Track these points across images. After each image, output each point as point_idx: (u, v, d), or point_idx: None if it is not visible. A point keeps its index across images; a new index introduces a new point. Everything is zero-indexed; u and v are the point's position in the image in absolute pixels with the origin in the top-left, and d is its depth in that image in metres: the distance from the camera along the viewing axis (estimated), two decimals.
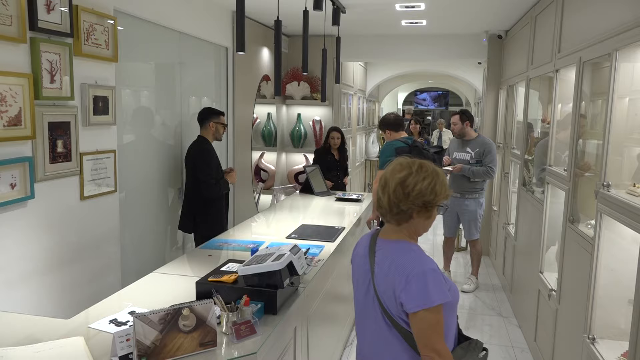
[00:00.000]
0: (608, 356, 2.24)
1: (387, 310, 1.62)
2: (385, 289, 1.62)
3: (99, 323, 1.94)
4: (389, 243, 1.70)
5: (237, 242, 3.12)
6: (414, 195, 1.62)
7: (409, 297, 1.54)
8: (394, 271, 1.60)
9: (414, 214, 1.65)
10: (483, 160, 4.75)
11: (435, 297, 1.53)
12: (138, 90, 3.61)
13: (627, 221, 2.06)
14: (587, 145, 2.87)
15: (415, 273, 1.55)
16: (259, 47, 5.44)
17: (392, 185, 1.66)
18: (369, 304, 1.69)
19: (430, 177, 1.64)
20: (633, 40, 2.13)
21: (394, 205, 1.65)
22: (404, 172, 1.66)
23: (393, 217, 1.67)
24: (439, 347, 1.54)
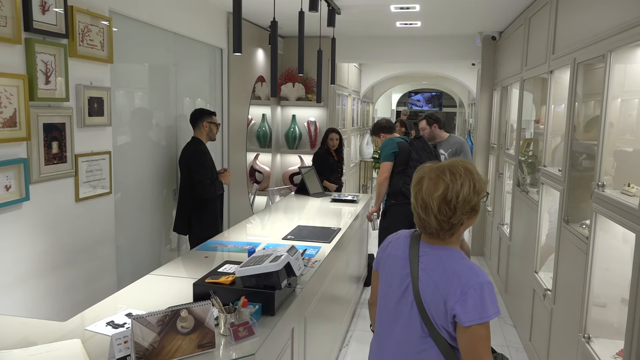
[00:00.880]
0: (603, 355, 2.26)
1: (429, 319, 1.53)
2: (433, 298, 1.52)
3: (95, 325, 1.93)
4: (436, 249, 1.59)
5: (233, 244, 3.11)
6: (460, 206, 1.52)
7: (465, 310, 1.45)
8: (447, 281, 1.50)
9: (465, 220, 1.56)
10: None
11: (490, 312, 1.46)
12: (133, 92, 3.60)
13: (621, 220, 2.08)
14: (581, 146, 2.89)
15: (472, 285, 1.47)
16: (254, 49, 5.44)
17: (434, 205, 1.53)
18: (404, 309, 1.60)
19: (467, 179, 1.53)
20: (627, 42, 2.15)
21: (444, 223, 1.54)
22: (441, 187, 1.53)
23: (447, 233, 1.57)
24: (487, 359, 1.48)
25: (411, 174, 4.05)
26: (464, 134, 11.57)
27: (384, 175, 4.10)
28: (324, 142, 5.55)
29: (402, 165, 4.06)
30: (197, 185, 3.64)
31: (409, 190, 4.01)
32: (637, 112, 2.39)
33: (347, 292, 3.99)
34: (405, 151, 4.07)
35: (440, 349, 1.53)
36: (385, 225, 4.16)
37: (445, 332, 1.52)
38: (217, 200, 3.89)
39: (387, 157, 4.09)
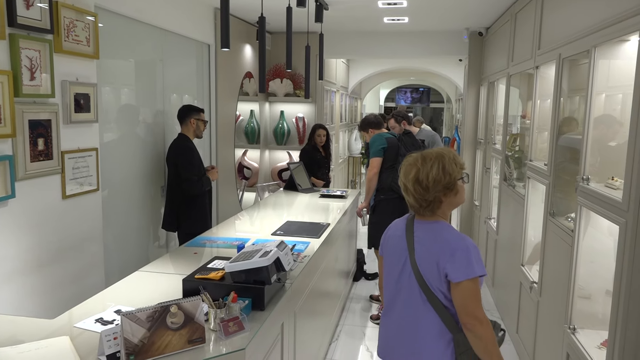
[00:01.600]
0: (588, 345, 2.30)
1: (425, 284, 1.76)
2: (428, 263, 1.76)
3: (84, 322, 1.92)
4: (427, 223, 1.84)
5: (222, 240, 3.11)
6: (431, 185, 1.77)
7: (454, 268, 1.70)
8: (438, 246, 1.75)
9: (442, 198, 1.80)
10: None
11: (477, 269, 1.69)
12: (119, 88, 3.57)
13: (605, 213, 2.12)
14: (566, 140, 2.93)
15: (459, 247, 1.72)
16: (242, 44, 5.41)
17: (410, 186, 1.81)
18: (404, 280, 1.83)
19: (435, 162, 1.79)
20: (611, 37, 2.18)
21: (421, 200, 1.80)
22: (413, 170, 1.81)
23: (427, 210, 1.82)
24: (479, 314, 1.70)
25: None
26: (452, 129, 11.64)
27: (373, 170, 4.11)
28: (311, 138, 5.53)
29: (391, 161, 4.08)
30: (185, 182, 3.63)
31: (398, 186, 4.05)
32: (621, 107, 2.42)
33: (337, 287, 4.00)
34: (394, 146, 4.09)
35: (437, 311, 1.75)
36: (375, 220, 4.18)
37: (440, 294, 1.75)
38: (205, 197, 3.88)
39: (376, 153, 4.11)
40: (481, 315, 1.70)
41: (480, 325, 1.69)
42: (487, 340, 1.70)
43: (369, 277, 5.17)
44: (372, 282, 5.08)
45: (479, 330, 1.70)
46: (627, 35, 2.06)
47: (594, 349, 2.27)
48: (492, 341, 1.71)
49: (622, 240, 1.96)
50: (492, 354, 1.71)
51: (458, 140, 8.35)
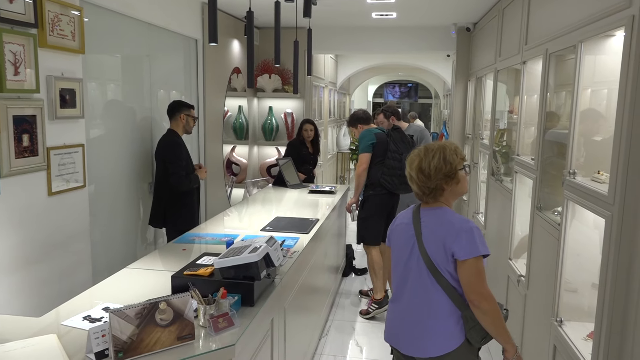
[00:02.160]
0: (574, 337, 2.33)
1: (434, 265, 1.88)
2: (435, 245, 1.88)
3: (72, 320, 1.90)
4: (432, 210, 1.97)
5: (211, 236, 3.09)
6: (433, 173, 1.91)
7: (460, 247, 1.83)
8: (444, 228, 1.88)
9: (444, 186, 1.93)
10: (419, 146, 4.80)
11: (481, 248, 1.83)
12: (106, 83, 3.53)
13: (591, 207, 2.14)
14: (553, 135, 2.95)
15: (464, 228, 1.85)
16: (229, 39, 5.38)
17: (414, 174, 1.96)
18: (412, 265, 1.94)
19: (437, 153, 1.93)
20: (597, 33, 2.20)
21: (424, 188, 1.95)
22: (416, 160, 1.96)
23: (430, 197, 1.96)
24: (484, 291, 1.82)
25: (389, 164, 4.09)
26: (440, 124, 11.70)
27: (362, 166, 4.11)
28: (299, 133, 5.53)
29: (380, 156, 4.08)
30: (172, 177, 3.60)
31: (387, 181, 4.07)
32: (607, 102, 2.45)
33: (326, 283, 4.01)
34: (383, 142, 4.09)
35: (446, 291, 1.87)
36: (364, 215, 4.19)
37: (447, 274, 1.87)
38: (193, 194, 3.86)
39: (366, 149, 4.11)
40: (486, 291, 1.82)
41: (485, 301, 1.81)
42: (493, 315, 1.82)
43: (358, 273, 5.18)
44: (362, 277, 5.09)
45: (485, 305, 1.81)
46: (612, 30, 2.08)
47: (581, 341, 2.30)
48: (498, 315, 1.83)
49: (607, 233, 1.99)
50: (498, 327, 1.84)
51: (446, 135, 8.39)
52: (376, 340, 3.76)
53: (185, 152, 3.76)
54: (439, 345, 1.89)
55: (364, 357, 3.52)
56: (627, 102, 1.87)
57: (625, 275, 1.92)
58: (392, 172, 4.04)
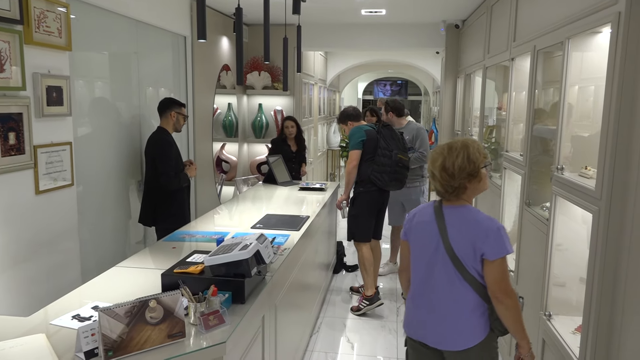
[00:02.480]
0: (563, 331, 2.35)
1: (461, 264, 1.91)
2: (463, 244, 1.91)
3: (60, 319, 1.88)
4: (456, 208, 1.98)
5: (201, 234, 3.08)
6: (456, 172, 1.92)
7: (490, 248, 1.86)
8: (472, 228, 1.91)
9: (467, 184, 1.94)
10: (415, 146, 4.78)
11: (508, 248, 1.88)
12: (93, 81, 3.50)
13: (579, 202, 2.16)
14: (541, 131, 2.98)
15: (492, 228, 1.88)
16: (218, 37, 5.35)
17: (437, 173, 1.96)
18: (437, 262, 1.97)
19: (461, 151, 1.93)
20: (584, 29, 2.22)
21: (447, 186, 1.95)
22: (439, 159, 1.96)
23: (452, 195, 1.97)
24: (509, 288, 1.88)
25: (380, 161, 4.08)
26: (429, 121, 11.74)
27: (352, 163, 4.11)
28: (282, 131, 5.48)
29: (370, 153, 4.08)
30: (162, 176, 3.58)
31: (377, 178, 4.07)
32: (594, 98, 2.47)
33: (317, 280, 4.02)
34: (373, 139, 4.09)
35: (473, 287, 1.92)
36: (354, 212, 4.20)
37: (474, 272, 1.92)
38: (183, 192, 3.84)
39: (356, 146, 4.10)
40: (510, 289, 1.88)
41: (509, 298, 1.87)
42: (515, 311, 1.89)
43: (349, 269, 5.19)
44: (352, 274, 5.11)
45: (509, 302, 1.87)
46: (599, 27, 2.10)
47: (569, 335, 2.33)
48: (519, 312, 1.91)
49: (595, 228, 2.01)
50: (518, 323, 1.91)
51: (435, 132, 8.42)
52: (367, 337, 3.77)
53: (175, 150, 3.74)
54: (468, 338, 1.95)
55: (355, 353, 3.54)
56: (613, 98, 1.89)
57: (613, 269, 1.94)
58: (382, 168, 4.04)
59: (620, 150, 1.88)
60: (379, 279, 4.61)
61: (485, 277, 1.90)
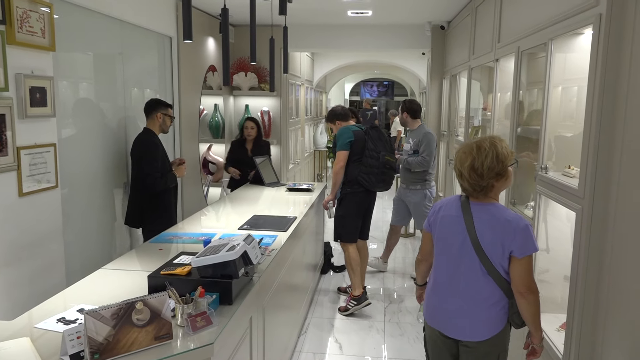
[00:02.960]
0: (548, 328, 2.38)
1: (488, 260, 1.96)
2: (491, 241, 1.95)
3: (45, 323, 1.86)
4: (484, 205, 2.01)
5: (188, 235, 3.07)
6: (485, 172, 1.94)
7: (518, 246, 1.91)
8: (501, 226, 1.94)
9: (494, 183, 1.97)
10: (419, 150, 4.71)
11: (536, 246, 1.93)
12: (77, 82, 3.46)
13: (563, 200, 2.19)
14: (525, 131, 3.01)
15: (521, 227, 1.91)
16: (204, 37, 5.33)
17: (465, 173, 1.98)
18: (463, 256, 2.01)
19: (490, 151, 1.95)
20: (566, 30, 2.26)
21: (475, 186, 1.98)
22: (468, 159, 1.98)
23: (480, 194, 2.00)
24: (533, 284, 1.94)
25: (367, 163, 4.08)
26: None
27: (339, 164, 4.11)
28: (241, 132, 5.27)
29: (357, 154, 4.09)
30: (147, 178, 3.55)
31: (364, 179, 4.08)
32: (577, 99, 2.51)
33: (305, 280, 4.02)
34: (361, 140, 4.09)
35: (497, 282, 1.97)
36: (342, 213, 4.20)
37: (500, 268, 1.96)
38: (170, 193, 3.81)
39: (343, 146, 4.10)
40: (534, 286, 1.95)
41: (533, 294, 1.93)
42: (536, 306, 1.95)
43: (336, 270, 5.20)
44: (340, 275, 5.12)
45: (531, 298, 1.93)
46: (581, 28, 2.14)
47: (554, 332, 2.36)
48: (539, 306, 1.96)
49: (578, 226, 2.04)
50: (536, 316, 1.97)
51: None
52: (355, 337, 3.78)
53: (161, 151, 3.71)
54: (486, 330, 2.02)
55: (343, 353, 3.54)
56: (595, 98, 1.93)
57: (596, 267, 1.97)
58: (370, 170, 4.05)
59: (602, 149, 1.91)
60: (366, 279, 4.62)
61: (511, 273, 1.95)
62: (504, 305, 2.01)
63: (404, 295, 4.61)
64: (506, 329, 2.05)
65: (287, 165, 6.88)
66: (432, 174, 4.85)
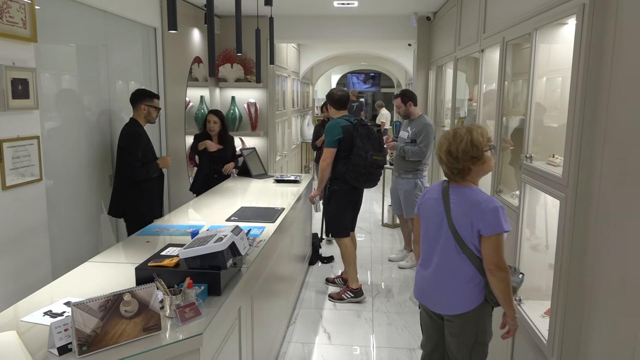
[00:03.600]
0: (533, 315, 2.43)
1: (460, 238, 2.11)
2: (463, 221, 2.10)
3: (32, 316, 1.85)
4: (460, 188, 2.17)
5: (176, 227, 3.05)
6: (461, 156, 2.10)
7: (486, 225, 2.05)
8: (472, 207, 2.09)
9: (471, 166, 2.12)
10: (417, 139, 4.70)
11: (504, 226, 2.05)
12: (60, 74, 3.41)
13: (547, 189, 2.23)
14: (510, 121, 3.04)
15: (490, 208, 2.06)
16: (189, 28, 5.28)
17: (443, 157, 2.16)
18: (441, 236, 2.18)
19: (465, 136, 2.11)
20: (550, 20, 2.28)
21: (453, 169, 2.14)
22: (445, 144, 2.15)
23: (457, 176, 2.16)
24: (502, 262, 2.06)
25: (355, 162, 4.05)
26: None
27: (327, 161, 4.04)
28: (204, 126, 4.84)
29: (345, 151, 4.01)
30: (127, 167, 3.55)
31: (351, 178, 4.06)
32: (561, 90, 2.54)
33: (293, 271, 4.03)
34: (349, 137, 4.00)
35: (470, 260, 2.12)
36: (333, 210, 4.17)
37: (472, 246, 2.11)
38: (153, 183, 3.78)
39: (332, 144, 4.01)
40: (503, 263, 2.06)
41: (502, 271, 2.06)
42: (505, 283, 2.08)
43: (324, 261, 5.22)
44: (328, 266, 5.14)
45: (501, 275, 2.06)
46: (565, 18, 2.16)
47: (538, 318, 2.40)
48: (508, 284, 2.09)
49: (562, 214, 2.07)
50: (506, 294, 2.10)
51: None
52: (343, 327, 3.81)
53: (144, 141, 3.68)
54: (462, 304, 2.17)
55: (332, 343, 3.57)
56: (579, 88, 1.95)
57: (580, 254, 2.01)
58: (357, 169, 3.99)
59: (585, 138, 1.94)
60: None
61: (482, 251, 2.09)
62: (479, 283, 2.14)
63: (391, 285, 4.65)
64: (483, 308, 2.17)
65: (274, 157, 6.87)
66: (426, 165, 4.85)
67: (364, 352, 3.43)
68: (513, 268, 2.25)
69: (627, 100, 1.68)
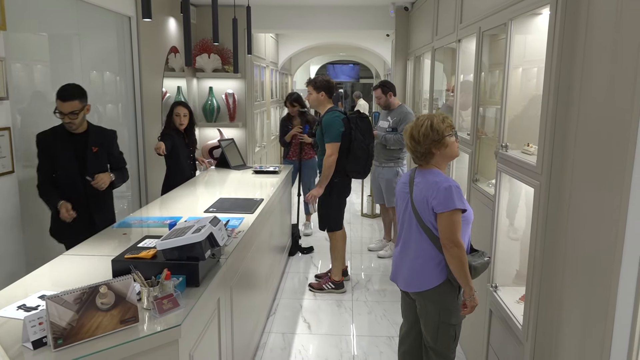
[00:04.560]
0: (508, 301, 2.47)
1: (420, 219, 2.25)
2: (420, 200, 2.24)
3: (5, 310, 1.81)
4: (423, 171, 2.32)
5: (153, 219, 3.02)
6: (422, 139, 2.24)
7: (438, 202, 2.17)
8: (428, 187, 2.22)
9: (433, 150, 2.25)
10: (398, 128, 4.72)
11: (456, 203, 2.15)
12: (32, 64, 3.32)
13: (522, 177, 2.26)
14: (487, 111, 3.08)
15: (443, 187, 2.18)
16: (165, 17, 5.19)
17: (407, 141, 2.31)
18: (407, 217, 2.34)
19: (425, 121, 2.26)
20: (524, 11, 2.30)
21: (416, 152, 2.29)
22: (408, 129, 2.31)
23: (422, 160, 2.30)
24: (456, 239, 2.16)
25: (357, 154, 4.06)
26: None
27: (333, 156, 3.93)
28: (170, 120, 4.23)
29: (345, 144, 3.97)
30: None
31: (352, 170, 4.05)
32: (536, 80, 2.57)
33: (272, 262, 4.03)
34: (347, 129, 3.96)
35: (430, 238, 2.25)
36: (330, 204, 4.15)
37: (430, 225, 2.24)
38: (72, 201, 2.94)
39: (336, 138, 3.92)
40: (457, 240, 2.16)
41: (456, 247, 2.16)
42: (460, 260, 2.18)
43: (304, 252, 5.23)
44: (308, 256, 5.15)
45: (455, 251, 2.16)
46: (539, 8, 2.18)
47: (514, 304, 2.45)
48: (464, 261, 2.19)
49: (536, 201, 2.11)
50: (461, 271, 2.20)
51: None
52: (323, 316, 3.83)
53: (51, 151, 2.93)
54: (423, 282, 2.29)
55: (312, 332, 3.59)
56: (552, 78, 1.98)
57: (553, 240, 2.05)
58: (358, 161, 4.00)
59: (558, 127, 1.97)
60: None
61: (438, 228, 2.20)
62: (439, 262, 2.25)
63: (370, 275, 4.68)
64: (445, 286, 2.27)
65: (253, 148, 6.83)
66: (406, 153, 4.91)
67: (344, 341, 3.46)
68: (481, 252, 2.37)
69: (599, 88, 1.72)
